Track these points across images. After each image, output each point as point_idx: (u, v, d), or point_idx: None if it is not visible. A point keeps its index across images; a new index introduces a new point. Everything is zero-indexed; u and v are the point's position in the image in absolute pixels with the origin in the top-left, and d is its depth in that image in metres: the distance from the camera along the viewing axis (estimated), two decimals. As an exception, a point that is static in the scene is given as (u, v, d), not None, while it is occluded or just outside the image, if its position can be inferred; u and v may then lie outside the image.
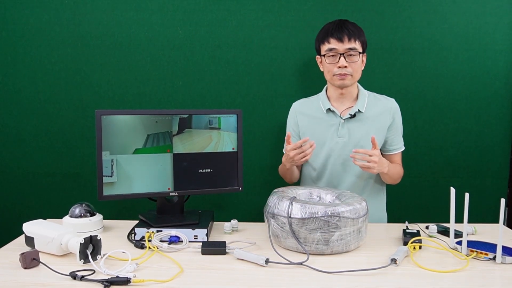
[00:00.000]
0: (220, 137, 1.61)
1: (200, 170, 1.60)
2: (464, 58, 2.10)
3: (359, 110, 1.76)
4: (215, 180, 1.62)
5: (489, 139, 2.15)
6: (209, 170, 1.61)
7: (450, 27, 2.08)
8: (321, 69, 1.80)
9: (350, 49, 1.68)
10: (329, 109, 1.78)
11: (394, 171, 1.77)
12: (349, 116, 1.76)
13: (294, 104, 1.91)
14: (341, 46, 1.68)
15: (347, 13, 2.07)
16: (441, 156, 2.17)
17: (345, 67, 1.69)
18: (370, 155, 1.56)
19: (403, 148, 1.86)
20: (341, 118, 1.76)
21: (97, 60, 2.11)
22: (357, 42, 1.69)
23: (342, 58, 1.68)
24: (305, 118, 1.84)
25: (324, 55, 1.73)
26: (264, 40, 2.10)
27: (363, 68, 1.76)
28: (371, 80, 2.11)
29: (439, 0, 2.07)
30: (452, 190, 1.36)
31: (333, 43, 1.68)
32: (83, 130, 2.15)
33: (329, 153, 1.78)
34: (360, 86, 1.83)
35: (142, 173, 1.53)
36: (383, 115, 1.78)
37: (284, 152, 1.87)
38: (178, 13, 2.08)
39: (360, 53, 1.70)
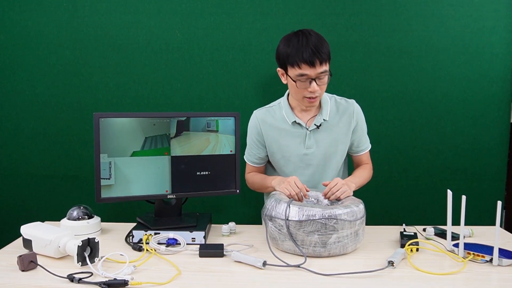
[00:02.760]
0: (218, 139, 1.61)
1: (198, 173, 1.60)
2: (461, 61, 2.11)
3: (324, 120, 1.72)
4: (213, 183, 1.62)
5: (486, 141, 2.16)
6: (207, 173, 1.61)
7: (448, 30, 2.09)
8: (284, 82, 1.69)
9: (322, 72, 1.57)
10: (294, 121, 1.73)
11: (362, 180, 1.75)
12: (315, 126, 1.72)
13: (256, 112, 1.82)
14: (313, 71, 1.56)
15: (345, 16, 2.07)
16: (438, 158, 2.17)
17: (318, 90, 1.61)
18: (336, 189, 1.53)
19: (370, 147, 1.84)
20: (307, 129, 1.72)
21: (96, 63, 2.12)
22: (327, 62, 1.59)
23: (313, 83, 1.58)
24: (269, 128, 1.77)
25: (294, 80, 1.61)
26: (262, 43, 2.10)
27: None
28: (369, 83, 2.11)
29: (437, 4, 2.08)
30: (449, 193, 1.36)
31: (305, 69, 1.56)
32: (81, 132, 2.15)
33: (297, 164, 1.75)
34: None
35: (140, 175, 1.53)
36: (346, 120, 1.74)
37: (246, 160, 1.87)
38: (176, 16, 2.09)
39: (330, 74, 1.61)
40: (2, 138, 2.17)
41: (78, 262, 1.24)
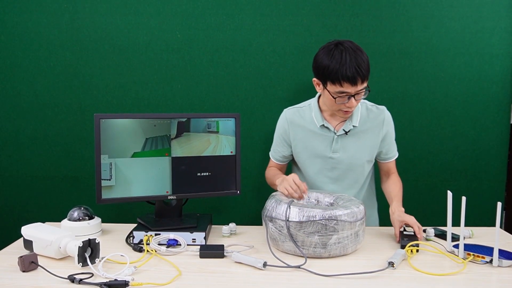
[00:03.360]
0: (218, 140, 1.61)
1: (199, 174, 1.60)
2: (461, 62, 2.11)
3: (353, 126, 1.71)
4: (213, 184, 1.62)
5: (486, 142, 2.16)
6: (207, 174, 1.61)
7: (447, 31, 2.10)
8: (318, 91, 1.68)
9: (361, 90, 1.58)
10: (323, 125, 1.72)
11: (401, 193, 1.75)
12: (343, 132, 1.71)
13: (286, 111, 1.82)
14: (353, 89, 1.55)
15: (345, 18, 2.08)
16: (438, 159, 2.17)
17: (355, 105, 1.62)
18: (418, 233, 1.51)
19: (397, 155, 1.83)
20: (335, 133, 1.72)
21: (96, 64, 2.12)
22: (367, 79, 1.58)
23: (352, 99, 1.58)
24: (297, 129, 1.77)
25: (334, 96, 1.59)
26: (262, 44, 2.11)
27: None
28: (369, 84, 2.11)
29: (437, 5, 2.08)
30: (449, 194, 1.36)
31: (346, 87, 1.54)
32: (82, 133, 2.16)
33: (322, 167, 1.76)
34: None
35: (140, 176, 1.53)
36: (376, 127, 1.73)
37: (270, 155, 1.89)
38: (176, 17, 2.09)
39: (368, 90, 1.61)
40: (2, 139, 2.17)
41: (78, 263, 1.24)
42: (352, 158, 1.73)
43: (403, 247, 1.43)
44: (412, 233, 1.52)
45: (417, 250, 1.43)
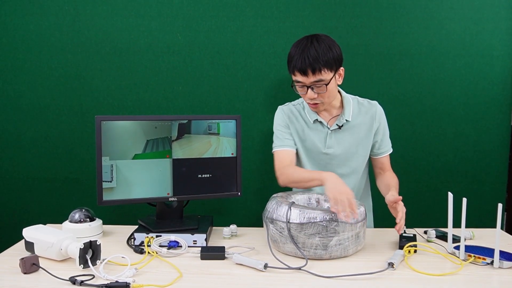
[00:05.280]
0: (219, 142, 1.61)
1: (199, 175, 1.60)
2: (462, 63, 2.12)
3: (346, 120, 1.71)
4: (214, 185, 1.62)
5: (487, 144, 2.16)
6: (208, 175, 1.61)
7: (448, 33, 2.10)
8: None
9: (316, 81, 1.56)
10: (316, 120, 1.73)
11: (397, 186, 1.72)
12: (337, 126, 1.72)
13: (281, 107, 1.80)
14: (306, 80, 1.56)
15: (345, 19, 2.08)
16: (439, 161, 2.17)
17: (315, 97, 1.61)
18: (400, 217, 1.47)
19: (391, 150, 1.82)
20: (328, 128, 1.73)
21: (97, 66, 2.12)
22: (323, 71, 1.55)
23: (309, 90, 1.59)
24: (293, 125, 1.77)
25: (292, 85, 1.63)
26: (263, 46, 2.11)
27: (340, 82, 1.66)
28: (369, 86, 2.12)
29: (437, 6, 2.08)
30: (450, 195, 1.37)
31: (298, 76, 1.57)
32: (83, 135, 2.16)
33: (317, 162, 1.76)
34: (343, 93, 1.76)
35: (141, 178, 1.53)
36: (369, 121, 1.74)
37: (278, 149, 1.77)
38: (177, 19, 2.10)
39: (327, 84, 1.57)
40: (4, 141, 2.17)
41: (80, 265, 1.24)
42: (347, 153, 1.73)
43: (401, 247, 1.44)
44: (411, 235, 1.52)
45: (415, 251, 1.43)
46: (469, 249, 1.39)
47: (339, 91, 1.75)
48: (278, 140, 1.77)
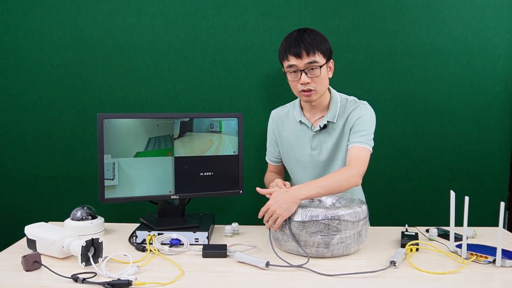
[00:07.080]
0: (221, 140, 1.61)
1: (201, 174, 1.60)
2: (464, 62, 2.11)
3: (328, 121, 1.69)
4: (216, 184, 1.62)
5: (489, 143, 2.15)
6: (210, 174, 1.61)
7: (450, 31, 2.09)
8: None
9: (310, 63, 1.57)
10: (300, 121, 1.73)
11: (329, 183, 1.48)
12: (319, 128, 1.69)
13: (272, 112, 1.86)
14: (300, 62, 1.57)
15: (347, 18, 2.08)
16: (441, 160, 2.17)
17: (308, 83, 1.59)
18: (267, 218, 1.44)
19: (361, 145, 1.62)
20: (312, 130, 1.72)
21: (99, 64, 2.12)
22: (317, 54, 1.57)
23: (303, 74, 1.58)
24: (282, 127, 1.79)
25: (285, 73, 1.65)
26: (265, 44, 2.11)
27: (331, 76, 1.67)
28: (371, 84, 2.11)
29: (439, 5, 2.08)
30: (452, 194, 1.36)
31: (292, 60, 1.58)
32: (85, 133, 2.16)
33: (305, 165, 1.75)
34: (333, 92, 1.74)
35: (143, 176, 1.54)
36: (348, 122, 1.68)
37: (266, 159, 1.92)
38: (179, 17, 2.10)
39: (321, 66, 1.58)
40: (6, 140, 2.18)
41: (82, 262, 1.25)
42: (330, 154, 1.71)
43: (403, 246, 1.44)
44: (413, 233, 1.52)
45: (417, 249, 1.43)
46: (471, 247, 1.39)
47: (329, 90, 1.73)
48: (267, 151, 1.92)
